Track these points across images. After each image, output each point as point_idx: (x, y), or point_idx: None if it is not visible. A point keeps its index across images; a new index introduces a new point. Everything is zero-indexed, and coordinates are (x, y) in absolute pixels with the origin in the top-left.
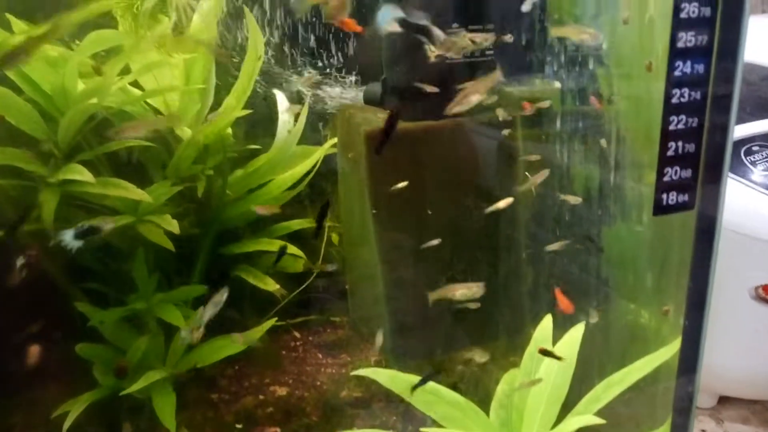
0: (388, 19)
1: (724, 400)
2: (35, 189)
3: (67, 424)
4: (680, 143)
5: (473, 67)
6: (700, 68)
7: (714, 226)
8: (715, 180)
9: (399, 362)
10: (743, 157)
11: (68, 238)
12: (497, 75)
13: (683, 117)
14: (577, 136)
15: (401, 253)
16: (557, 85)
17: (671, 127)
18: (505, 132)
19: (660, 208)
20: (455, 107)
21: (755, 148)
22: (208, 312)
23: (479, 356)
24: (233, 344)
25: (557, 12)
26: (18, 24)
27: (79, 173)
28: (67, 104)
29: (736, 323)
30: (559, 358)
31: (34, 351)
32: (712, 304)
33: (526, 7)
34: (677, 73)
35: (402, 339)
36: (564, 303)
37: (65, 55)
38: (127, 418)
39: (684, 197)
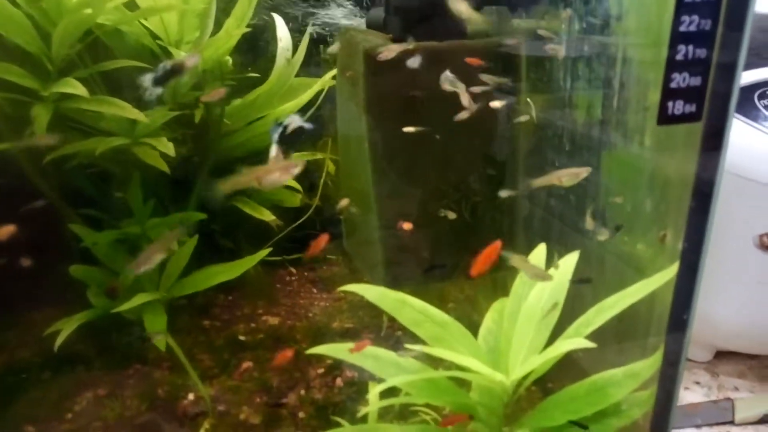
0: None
1: (720, 355)
2: (29, 104)
3: (58, 342)
4: (690, 47)
5: None
6: None
7: (721, 143)
8: (725, 90)
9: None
10: (756, 100)
11: (148, 83)
12: None
13: (695, 17)
14: (582, 60)
15: (396, 179)
16: (566, 12)
17: (681, 28)
18: (508, 56)
19: (665, 117)
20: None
21: None
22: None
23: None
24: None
25: None
26: None
27: (73, 87)
28: (60, 15)
29: (737, 273)
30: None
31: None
32: (711, 251)
33: None
34: None
35: (395, 267)
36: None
37: None
38: (118, 338)
39: (691, 107)
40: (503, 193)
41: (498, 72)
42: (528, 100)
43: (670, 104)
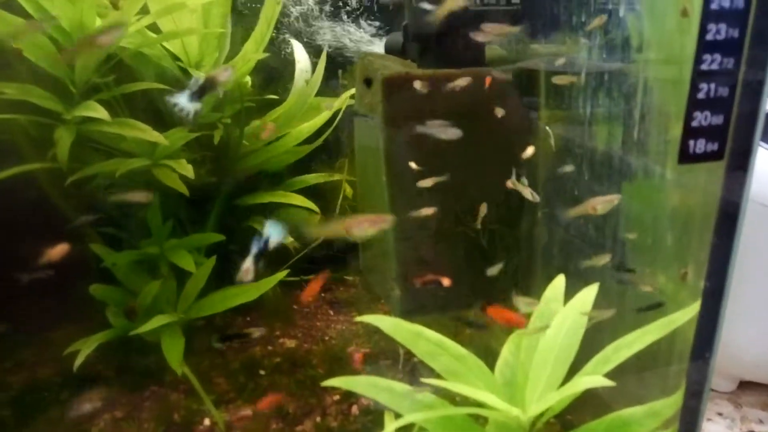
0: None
1: (743, 385)
2: (52, 126)
3: (78, 362)
4: (713, 85)
5: (497, 15)
6: (739, 3)
7: (744, 181)
8: (748, 129)
9: (407, 318)
10: None
11: (182, 101)
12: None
13: (717, 56)
14: (602, 89)
15: (413, 204)
16: (584, 41)
17: (704, 67)
18: (526, 83)
19: (686, 156)
20: None
21: None
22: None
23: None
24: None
25: None
26: None
27: (95, 111)
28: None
29: (761, 303)
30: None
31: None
32: (734, 281)
33: None
34: (714, 6)
35: (411, 295)
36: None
37: None
38: (136, 359)
39: (713, 146)
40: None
41: (516, 98)
42: (546, 128)
43: (691, 143)
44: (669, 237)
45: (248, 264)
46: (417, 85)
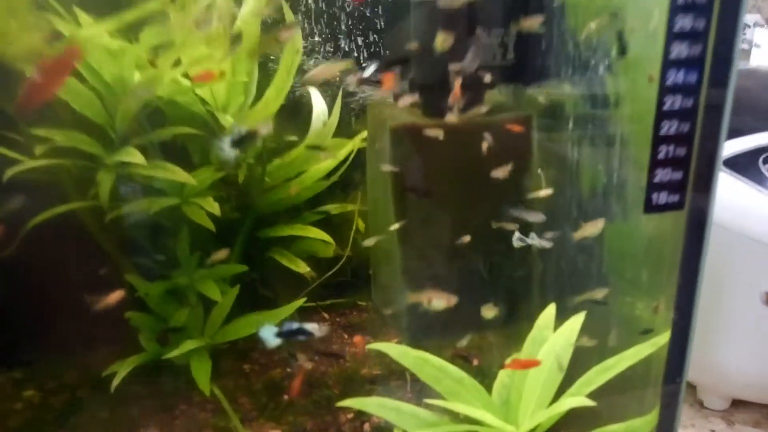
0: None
1: (737, 404)
2: (94, 169)
3: (115, 383)
4: (671, 147)
5: (496, 70)
6: (693, 77)
7: (704, 226)
8: (705, 182)
9: (415, 344)
10: (761, 164)
11: (225, 146)
12: None
13: (675, 122)
14: (586, 138)
15: (419, 244)
16: (574, 90)
17: (662, 132)
18: (521, 133)
19: (650, 207)
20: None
21: None
22: None
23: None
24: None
25: (574, 20)
26: (83, 17)
27: (133, 156)
28: (124, 91)
29: (746, 327)
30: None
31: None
32: (722, 306)
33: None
34: (670, 81)
35: (419, 323)
36: None
37: (124, 47)
38: (167, 381)
39: (674, 197)
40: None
41: (512, 145)
42: (539, 171)
43: (654, 195)
44: (644, 273)
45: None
46: (423, 134)
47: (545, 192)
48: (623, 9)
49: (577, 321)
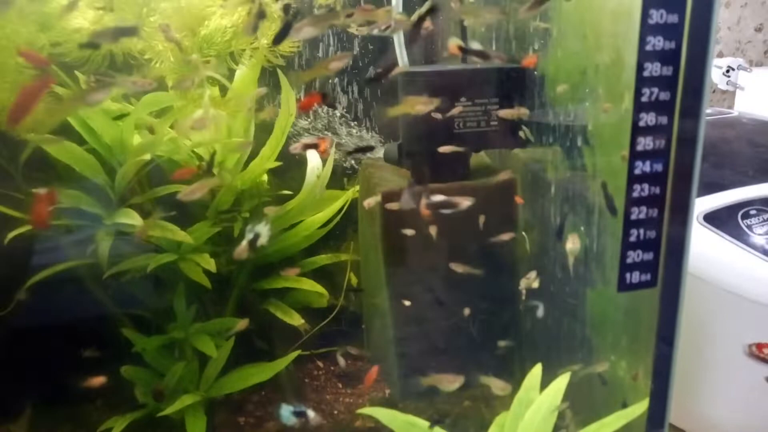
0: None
1: None
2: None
3: None
4: (641, 230)
5: (480, 136)
6: (659, 167)
7: (677, 302)
8: (676, 261)
9: (406, 400)
10: (740, 220)
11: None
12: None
13: (643, 208)
14: (568, 203)
15: (410, 304)
16: (557, 151)
17: (632, 217)
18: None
19: (624, 286)
20: None
21: (753, 212)
22: None
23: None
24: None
25: (552, 91)
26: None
27: (131, 218)
28: (124, 155)
29: (730, 379)
30: None
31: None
32: (708, 358)
33: None
34: (637, 171)
35: (409, 380)
36: None
37: (124, 110)
38: None
39: (646, 276)
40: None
41: (497, 207)
42: (523, 233)
43: (627, 275)
44: (624, 339)
45: None
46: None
47: (531, 280)
48: (595, 91)
49: (562, 382)
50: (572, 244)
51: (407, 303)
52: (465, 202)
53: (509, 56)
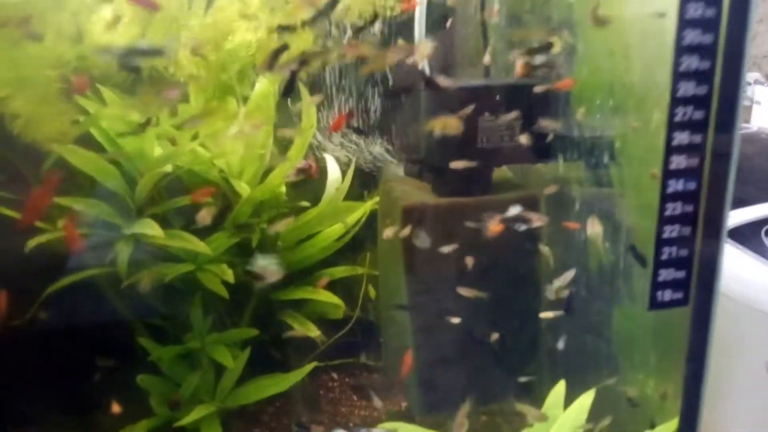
0: None
1: None
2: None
3: None
4: (674, 248)
5: (504, 151)
6: (692, 185)
7: (708, 320)
8: (708, 279)
9: (424, 414)
10: (763, 236)
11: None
12: None
13: (676, 226)
14: (592, 215)
15: (431, 320)
16: (579, 172)
17: (665, 235)
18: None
19: (655, 305)
20: None
21: None
22: None
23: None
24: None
25: (579, 105)
26: (109, 95)
27: (151, 228)
28: (145, 165)
29: (750, 394)
30: None
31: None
32: (727, 373)
33: None
34: (670, 190)
35: (429, 392)
36: None
37: (145, 123)
38: None
39: (678, 295)
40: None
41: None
42: (546, 247)
43: (659, 293)
44: (652, 357)
45: None
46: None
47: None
48: (624, 108)
49: (586, 400)
50: (593, 228)
51: (429, 322)
52: (538, 220)
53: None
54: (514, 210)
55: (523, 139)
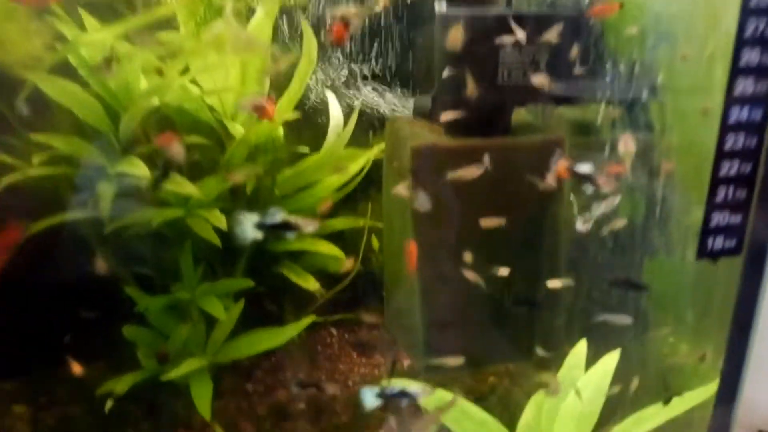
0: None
1: None
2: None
3: (109, 405)
4: (731, 188)
5: (526, 88)
6: (758, 115)
7: (762, 272)
8: (766, 226)
9: (429, 373)
10: None
11: (248, 224)
12: None
13: (736, 161)
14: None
15: (440, 271)
16: (613, 110)
17: (722, 173)
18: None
19: (704, 253)
20: None
21: None
22: None
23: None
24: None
25: (613, 36)
26: (90, 20)
27: (136, 167)
28: (129, 100)
29: None
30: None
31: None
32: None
33: None
34: (732, 120)
35: (436, 350)
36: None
37: (130, 53)
38: (165, 401)
39: (731, 243)
40: (552, 284)
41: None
42: (572, 197)
43: (710, 240)
44: (689, 315)
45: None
46: (445, 156)
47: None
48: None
49: (611, 361)
50: (626, 145)
51: (438, 273)
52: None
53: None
54: (585, 168)
55: (549, 75)
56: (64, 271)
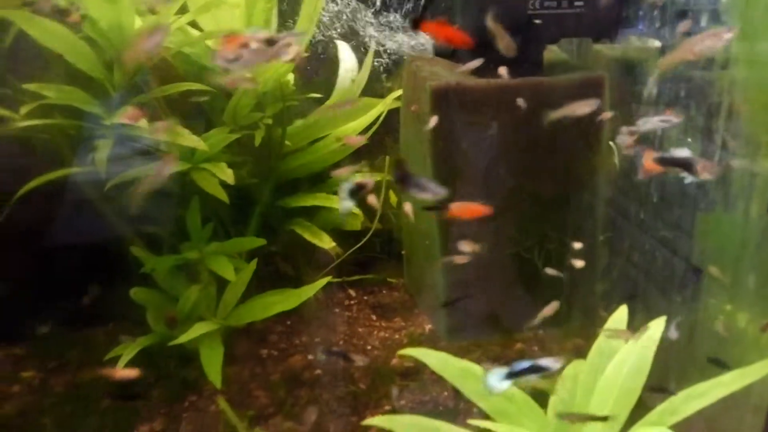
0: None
1: None
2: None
3: (120, 365)
4: None
5: (558, 20)
6: None
7: None
8: None
9: (451, 339)
10: None
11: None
12: None
13: None
14: (675, 105)
15: (464, 229)
16: (656, 44)
17: None
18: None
19: None
20: None
21: None
22: None
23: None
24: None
25: None
26: None
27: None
28: (123, 42)
29: None
30: None
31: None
32: None
33: None
34: None
35: (457, 316)
36: None
37: None
38: (174, 365)
39: None
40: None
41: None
42: (612, 143)
43: None
44: (751, 279)
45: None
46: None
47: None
48: None
49: (656, 329)
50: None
51: (461, 228)
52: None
53: None
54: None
55: (587, 6)
56: (70, 232)
